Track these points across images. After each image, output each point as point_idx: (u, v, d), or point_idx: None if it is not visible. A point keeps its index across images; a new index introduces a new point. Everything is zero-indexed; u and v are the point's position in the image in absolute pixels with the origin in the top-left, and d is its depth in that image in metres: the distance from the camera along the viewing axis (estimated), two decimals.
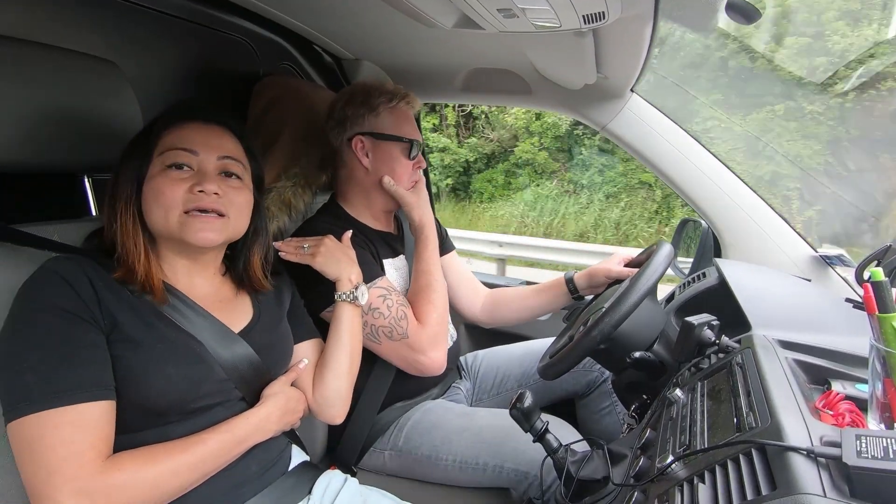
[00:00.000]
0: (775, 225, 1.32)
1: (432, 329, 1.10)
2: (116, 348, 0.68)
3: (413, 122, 1.22)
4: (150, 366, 0.69)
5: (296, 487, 0.85)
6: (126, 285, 0.71)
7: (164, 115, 0.78)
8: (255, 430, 0.77)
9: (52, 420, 0.61)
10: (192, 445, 0.70)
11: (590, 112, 1.47)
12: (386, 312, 1.06)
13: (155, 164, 0.74)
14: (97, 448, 0.63)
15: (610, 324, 0.87)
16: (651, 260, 0.96)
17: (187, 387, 0.71)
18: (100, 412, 0.64)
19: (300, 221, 1.22)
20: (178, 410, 0.71)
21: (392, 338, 1.07)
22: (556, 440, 0.83)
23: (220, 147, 0.78)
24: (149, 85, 1.13)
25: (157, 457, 0.67)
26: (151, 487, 0.65)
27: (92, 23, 1.02)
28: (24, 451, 0.61)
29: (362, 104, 1.18)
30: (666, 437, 0.69)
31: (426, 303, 1.12)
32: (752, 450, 0.52)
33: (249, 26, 1.35)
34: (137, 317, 0.70)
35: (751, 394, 0.63)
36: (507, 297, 1.43)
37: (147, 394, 0.68)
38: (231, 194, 0.77)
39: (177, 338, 0.73)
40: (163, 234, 0.75)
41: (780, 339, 0.80)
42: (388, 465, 1.17)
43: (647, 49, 1.04)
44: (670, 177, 1.40)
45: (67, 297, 0.66)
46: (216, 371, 0.75)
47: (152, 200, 0.73)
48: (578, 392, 1.37)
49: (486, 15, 0.86)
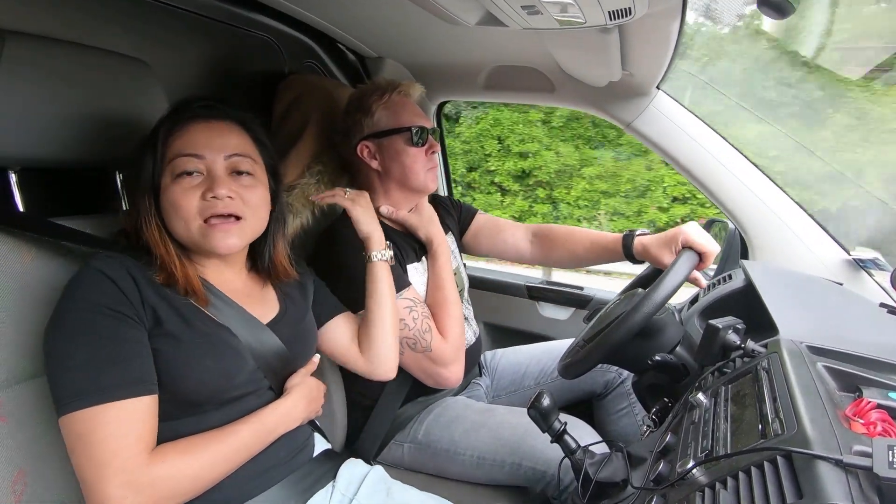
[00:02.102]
0: (806, 226, 1.28)
1: (454, 343, 1.11)
2: (157, 343, 0.70)
3: (412, 109, 1.20)
4: (191, 359, 0.71)
5: (321, 473, 0.88)
6: (169, 287, 0.74)
7: (166, 119, 0.78)
8: (283, 419, 0.80)
9: (101, 415, 0.64)
10: (227, 436, 0.73)
11: (614, 109, 1.44)
12: (411, 324, 1.07)
13: (166, 174, 0.75)
14: (144, 441, 0.66)
15: (633, 324, 0.86)
16: (678, 260, 0.94)
17: (223, 378, 0.74)
18: (144, 406, 0.67)
19: (322, 218, 1.24)
20: (214, 401, 0.74)
21: (415, 349, 1.08)
22: (574, 441, 0.83)
23: (225, 146, 0.77)
24: (177, 83, 1.15)
25: (197, 448, 0.70)
26: (193, 478, 0.68)
27: (124, 23, 1.05)
28: (76, 445, 0.64)
29: (357, 109, 1.18)
30: (687, 442, 0.68)
31: (447, 316, 1.12)
32: (777, 457, 0.51)
33: (276, 25, 1.37)
34: (177, 313, 0.73)
35: (777, 400, 0.61)
36: (559, 237, 1.37)
37: (186, 386, 0.71)
38: (244, 193, 0.78)
39: (214, 332, 0.75)
40: (187, 242, 0.77)
41: (810, 345, 0.77)
42: (407, 459, 1.18)
43: (675, 45, 1.02)
44: (697, 176, 1.37)
45: (113, 295, 0.68)
46: (249, 362, 0.77)
47: (171, 212, 0.75)
48: (596, 392, 1.35)
49: (509, 12, 0.85)
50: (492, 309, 1.86)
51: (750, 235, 1.33)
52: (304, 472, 0.85)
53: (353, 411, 1.20)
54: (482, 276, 1.88)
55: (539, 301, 1.80)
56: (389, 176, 1.19)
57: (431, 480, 1.15)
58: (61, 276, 0.73)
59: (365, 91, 1.20)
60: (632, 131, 1.44)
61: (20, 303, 0.70)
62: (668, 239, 1.14)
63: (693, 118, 1.37)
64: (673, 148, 1.38)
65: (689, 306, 1.14)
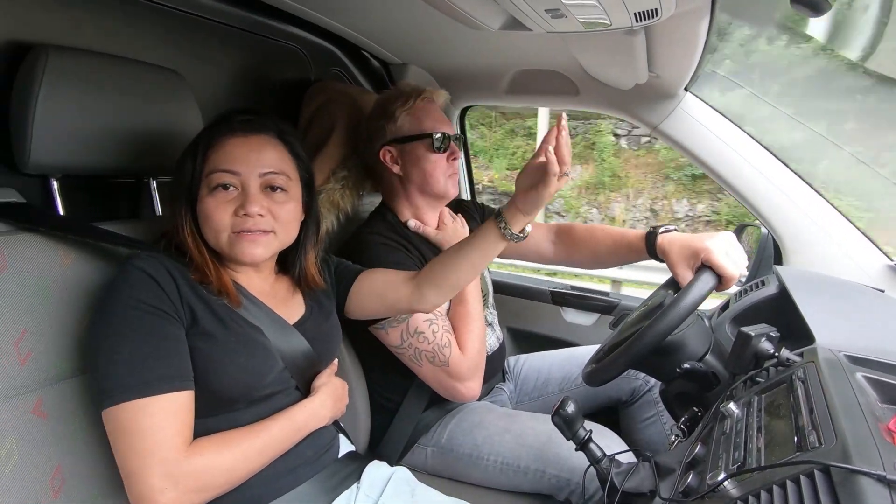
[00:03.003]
0: (843, 230, 1.23)
1: (472, 360, 1.09)
2: (194, 341, 0.73)
3: (436, 115, 1.20)
4: (225, 358, 0.74)
5: (346, 474, 0.89)
6: (203, 286, 0.77)
7: (206, 132, 0.81)
8: (311, 417, 0.82)
9: (145, 408, 0.66)
10: (259, 432, 0.75)
11: (640, 112, 1.42)
12: (431, 338, 1.07)
13: (203, 187, 0.78)
14: (183, 434, 0.69)
15: (662, 331, 0.84)
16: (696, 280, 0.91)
17: (255, 377, 0.77)
18: (183, 401, 0.70)
19: (347, 223, 1.25)
20: (245, 399, 0.77)
21: (433, 363, 1.08)
22: (599, 450, 0.81)
23: (261, 162, 0.79)
24: (209, 92, 1.19)
25: (231, 443, 0.73)
26: (228, 471, 0.71)
27: (159, 35, 1.08)
28: (120, 436, 0.67)
29: (381, 115, 1.19)
30: (718, 453, 0.66)
31: (467, 332, 1.11)
32: (815, 471, 0.49)
33: (302, 34, 1.40)
34: (213, 313, 0.76)
35: (814, 411, 0.59)
36: (581, 236, 1.32)
37: (220, 383, 0.74)
38: (275, 209, 0.80)
39: (246, 332, 0.78)
40: (217, 251, 0.81)
41: (848, 354, 0.74)
42: (430, 463, 1.18)
43: (704, 45, 1.00)
44: (727, 179, 1.33)
45: (154, 293, 0.71)
46: (278, 362, 0.80)
47: (204, 222, 0.78)
48: (622, 399, 1.33)
49: (533, 16, 0.85)
50: (516, 314, 1.85)
51: (784, 240, 1.29)
52: (329, 471, 0.87)
53: (376, 414, 1.20)
54: (506, 280, 1.88)
55: (563, 306, 1.78)
56: (410, 181, 1.20)
57: (454, 485, 1.15)
58: (98, 279, 0.77)
59: (389, 96, 1.21)
60: (658, 134, 1.41)
61: (60, 304, 0.73)
62: (690, 251, 1.04)
63: (723, 120, 1.34)
64: (702, 151, 1.35)
65: (720, 313, 1.10)
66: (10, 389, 0.67)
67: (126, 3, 1.01)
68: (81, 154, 0.84)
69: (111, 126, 0.87)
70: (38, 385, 0.70)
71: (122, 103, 0.88)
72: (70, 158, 0.84)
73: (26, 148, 0.78)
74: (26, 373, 0.69)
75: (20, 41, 0.84)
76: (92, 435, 0.75)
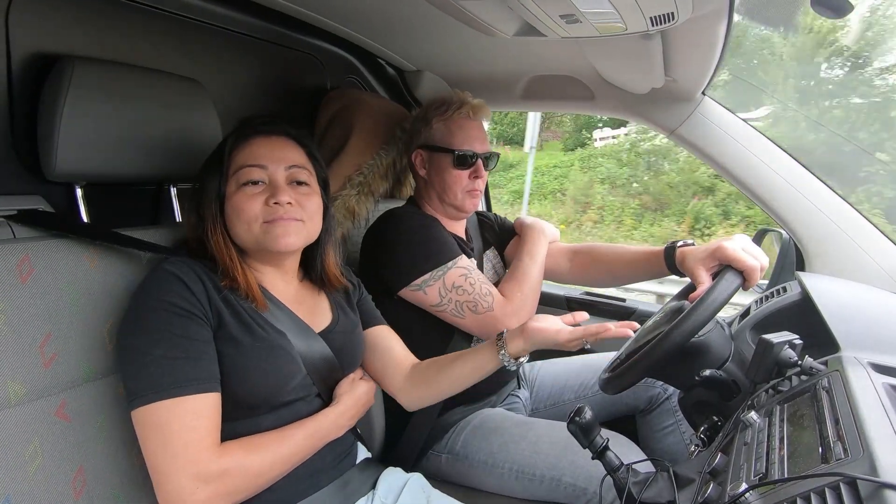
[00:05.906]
0: (867, 234, 1.20)
1: (516, 303, 1.13)
2: (221, 345, 0.74)
3: (470, 131, 1.21)
4: (250, 362, 0.75)
5: (362, 480, 0.90)
6: (231, 291, 0.78)
7: (232, 135, 0.84)
8: (333, 426, 0.83)
9: (176, 408, 0.67)
10: (285, 439, 0.76)
11: (657, 116, 1.41)
12: (469, 289, 1.10)
13: (231, 184, 0.80)
14: (213, 436, 0.70)
15: (687, 332, 0.82)
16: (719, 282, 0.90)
17: (278, 383, 0.77)
18: (212, 402, 0.71)
19: (362, 228, 1.27)
20: (267, 404, 0.77)
21: (476, 311, 1.10)
22: (616, 458, 0.80)
23: (285, 157, 0.82)
24: (227, 100, 1.21)
25: (259, 447, 0.74)
26: (255, 475, 0.72)
27: (179, 46, 1.11)
28: (150, 436, 0.68)
29: (421, 118, 1.23)
30: (739, 464, 0.64)
31: (512, 280, 1.17)
32: (840, 484, 0.47)
33: (318, 43, 1.43)
34: (239, 317, 0.77)
35: (839, 421, 0.57)
36: (598, 255, 1.31)
37: (243, 387, 0.74)
38: (303, 201, 0.82)
39: (271, 336, 0.79)
40: (248, 245, 0.82)
41: (874, 363, 0.72)
42: (444, 470, 1.17)
43: (722, 49, 0.99)
44: (746, 183, 1.31)
45: (184, 296, 0.72)
46: (301, 368, 0.81)
47: (234, 217, 0.80)
48: (639, 408, 1.31)
49: (548, 21, 0.85)
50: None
51: (806, 245, 1.26)
52: (347, 478, 0.88)
53: (391, 420, 1.20)
54: None
55: None
56: (432, 187, 1.24)
57: (469, 492, 1.14)
58: (122, 284, 0.78)
59: (432, 103, 1.24)
60: (675, 138, 1.40)
61: (84, 308, 0.75)
62: (706, 254, 1.02)
63: (741, 123, 1.32)
64: (720, 155, 1.33)
65: (740, 320, 1.08)
66: (34, 392, 0.69)
67: (148, 16, 1.04)
68: (105, 162, 0.87)
69: (133, 134, 0.89)
70: (61, 388, 0.72)
71: (143, 112, 0.90)
72: (94, 166, 0.86)
73: (53, 156, 0.80)
74: (51, 375, 0.70)
75: (48, 53, 0.86)
76: (113, 437, 0.76)
